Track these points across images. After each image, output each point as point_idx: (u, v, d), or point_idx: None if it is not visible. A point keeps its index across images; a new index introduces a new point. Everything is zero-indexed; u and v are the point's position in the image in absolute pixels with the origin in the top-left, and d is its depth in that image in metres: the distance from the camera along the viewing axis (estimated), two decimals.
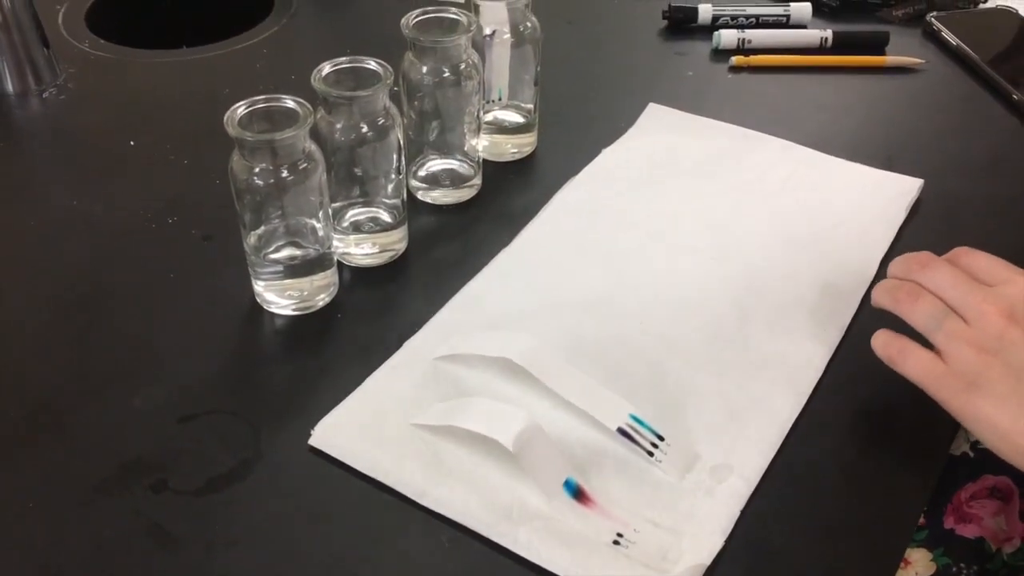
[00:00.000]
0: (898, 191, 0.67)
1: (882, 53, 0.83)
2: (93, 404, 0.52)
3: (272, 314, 0.58)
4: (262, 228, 0.56)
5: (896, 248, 0.63)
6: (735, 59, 0.81)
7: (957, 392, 0.47)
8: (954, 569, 0.57)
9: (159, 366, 0.54)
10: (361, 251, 0.61)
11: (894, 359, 0.49)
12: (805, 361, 0.54)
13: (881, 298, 0.52)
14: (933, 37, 0.85)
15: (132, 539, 0.46)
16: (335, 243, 0.59)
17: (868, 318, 0.56)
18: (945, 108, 0.78)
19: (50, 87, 0.77)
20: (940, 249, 0.58)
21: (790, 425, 0.51)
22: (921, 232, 0.64)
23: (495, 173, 0.69)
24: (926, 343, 0.49)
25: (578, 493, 0.47)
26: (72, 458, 0.49)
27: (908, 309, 0.49)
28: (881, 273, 0.61)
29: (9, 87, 0.76)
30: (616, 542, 0.45)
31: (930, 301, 0.49)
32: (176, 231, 0.64)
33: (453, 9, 0.61)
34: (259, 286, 0.58)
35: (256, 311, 0.58)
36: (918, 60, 0.82)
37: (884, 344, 0.50)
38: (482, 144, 0.68)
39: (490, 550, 0.45)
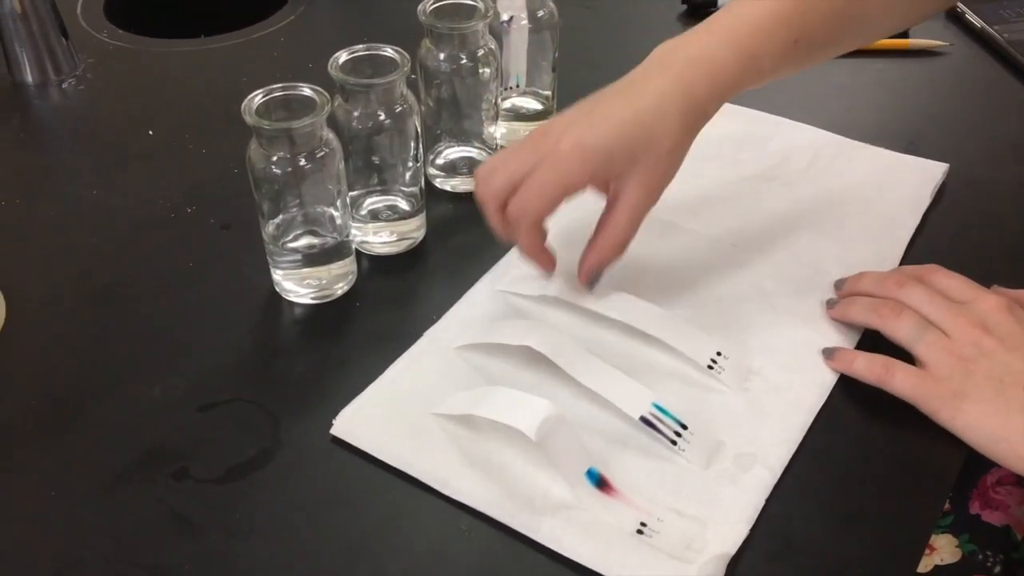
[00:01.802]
0: (923, 176, 0.66)
1: (905, 36, 0.81)
2: (114, 393, 0.52)
3: (291, 303, 0.58)
4: (280, 217, 0.56)
5: (921, 234, 0.62)
6: None
7: (945, 401, 0.48)
8: (979, 557, 0.56)
9: (179, 355, 0.54)
10: (379, 239, 0.61)
11: (882, 378, 0.51)
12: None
13: (860, 314, 0.54)
14: (957, 19, 0.84)
15: (153, 527, 0.46)
16: (353, 231, 0.59)
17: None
18: (969, 91, 0.77)
19: (69, 77, 0.77)
20: (964, 235, 0.58)
21: (815, 414, 0.51)
22: (945, 217, 0.64)
23: None
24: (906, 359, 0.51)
25: (601, 482, 0.46)
26: (94, 447, 0.50)
27: (892, 323, 0.52)
28: (906, 259, 0.60)
29: (28, 77, 0.76)
30: (640, 531, 0.45)
31: (911, 315, 0.51)
32: (195, 220, 0.64)
33: None
34: (278, 275, 0.57)
35: (275, 300, 0.58)
36: (942, 43, 0.81)
37: (868, 367, 0.51)
38: (500, 131, 0.67)
39: (509, 537, 0.45)
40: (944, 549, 0.57)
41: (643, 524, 0.45)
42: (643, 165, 0.50)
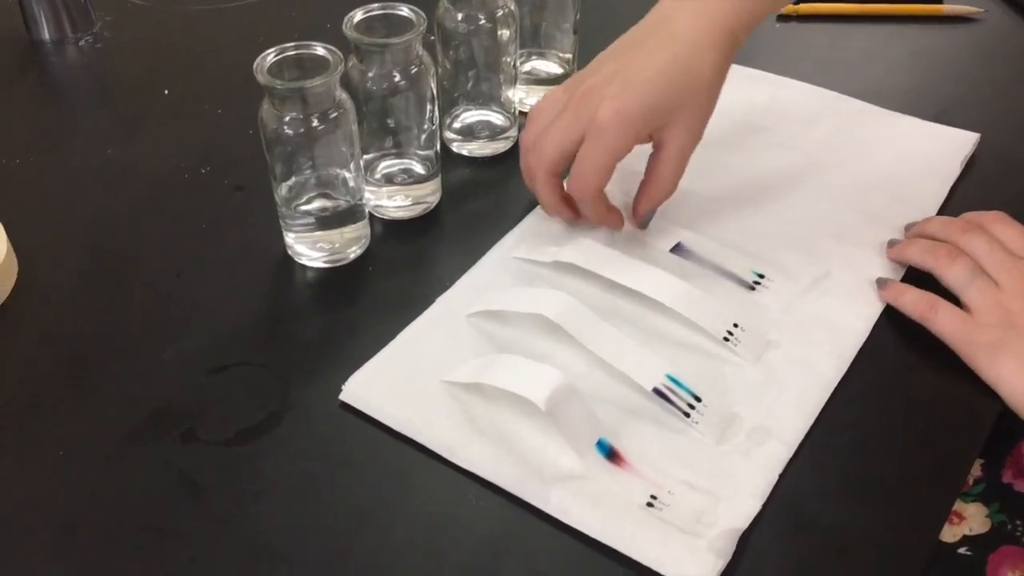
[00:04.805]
0: (953, 146, 0.64)
1: (939, 1, 0.79)
2: (125, 354, 0.52)
3: (303, 266, 0.57)
4: (293, 179, 0.55)
5: (949, 204, 0.60)
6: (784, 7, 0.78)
7: (983, 348, 0.49)
8: (1009, 527, 0.55)
9: (190, 317, 0.54)
10: (393, 203, 0.60)
11: (925, 315, 0.51)
12: (850, 323, 0.53)
13: (916, 255, 0.54)
14: None
15: (161, 488, 0.46)
16: (367, 195, 0.58)
17: (917, 279, 0.54)
18: (1003, 60, 0.75)
19: (86, 35, 0.77)
20: (994, 206, 0.56)
21: (832, 388, 0.50)
22: (975, 188, 0.62)
23: None
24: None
25: (611, 454, 0.46)
26: (104, 407, 0.49)
27: (945, 267, 0.52)
28: None
29: (45, 34, 0.76)
30: (650, 504, 0.44)
31: (966, 261, 0.52)
32: (209, 181, 0.63)
33: None
34: (290, 238, 0.57)
35: (287, 263, 0.57)
36: (976, 9, 0.78)
37: (914, 301, 0.52)
38: (519, 95, 0.66)
39: (517, 507, 0.45)
40: (974, 518, 0.56)
41: (653, 497, 0.44)
42: (685, 109, 0.51)
